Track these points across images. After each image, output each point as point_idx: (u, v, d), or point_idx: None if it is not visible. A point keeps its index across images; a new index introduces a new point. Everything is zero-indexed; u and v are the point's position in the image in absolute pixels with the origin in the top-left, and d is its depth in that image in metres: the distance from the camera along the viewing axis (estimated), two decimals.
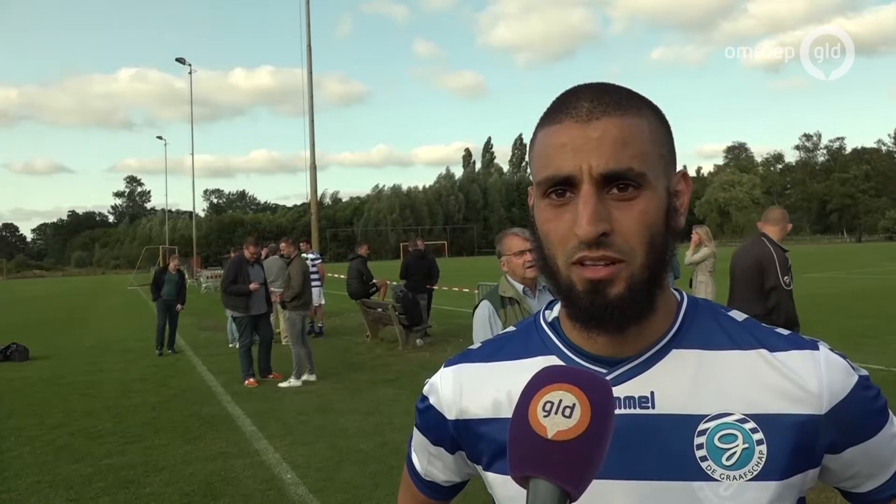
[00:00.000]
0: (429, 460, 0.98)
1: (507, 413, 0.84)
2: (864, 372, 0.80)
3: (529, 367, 0.84)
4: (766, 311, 4.64)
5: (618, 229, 0.73)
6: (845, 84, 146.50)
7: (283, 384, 8.19)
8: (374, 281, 12.21)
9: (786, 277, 4.66)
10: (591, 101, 0.75)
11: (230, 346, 11.31)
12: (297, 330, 8.45)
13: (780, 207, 5.14)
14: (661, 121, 0.80)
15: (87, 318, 19.35)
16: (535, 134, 0.81)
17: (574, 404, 0.62)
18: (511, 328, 0.96)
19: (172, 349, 11.51)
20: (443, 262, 12.77)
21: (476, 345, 0.97)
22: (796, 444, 0.75)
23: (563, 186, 0.75)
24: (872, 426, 0.78)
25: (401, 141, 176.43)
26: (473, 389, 0.89)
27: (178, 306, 11.62)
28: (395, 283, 12.86)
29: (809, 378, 0.76)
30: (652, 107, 0.80)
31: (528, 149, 0.84)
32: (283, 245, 9.41)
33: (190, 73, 43.30)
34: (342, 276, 14.64)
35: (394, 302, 10.96)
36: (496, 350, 0.92)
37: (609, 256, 0.73)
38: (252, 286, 8.57)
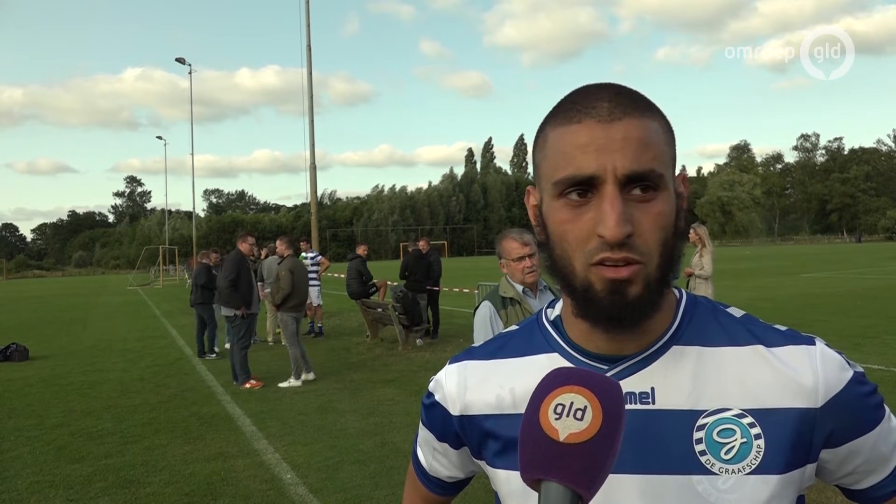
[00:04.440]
0: (433, 456, 0.99)
1: (511, 409, 0.86)
2: (860, 368, 0.81)
3: (532, 364, 0.86)
4: None
5: (638, 231, 0.73)
6: (851, 83, 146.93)
7: (283, 384, 8.19)
8: (373, 281, 12.21)
9: None
10: (610, 100, 0.75)
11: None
12: (292, 331, 8.40)
13: None
14: (668, 123, 0.81)
15: (87, 318, 19.32)
16: (545, 132, 0.79)
17: (585, 406, 0.62)
18: (514, 326, 0.97)
19: (212, 351, 11.06)
20: (443, 262, 12.72)
21: (479, 343, 0.98)
22: (793, 437, 0.76)
23: (583, 187, 0.74)
24: (869, 420, 0.79)
25: (404, 141, 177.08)
26: (477, 385, 0.90)
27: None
28: (394, 283, 12.86)
29: (805, 372, 0.77)
30: (659, 110, 0.81)
31: (533, 147, 0.83)
32: (278, 243, 9.15)
33: (190, 72, 43.31)
34: (342, 276, 14.64)
35: (393, 302, 10.96)
36: (500, 347, 0.93)
37: (630, 258, 0.73)
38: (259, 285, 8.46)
